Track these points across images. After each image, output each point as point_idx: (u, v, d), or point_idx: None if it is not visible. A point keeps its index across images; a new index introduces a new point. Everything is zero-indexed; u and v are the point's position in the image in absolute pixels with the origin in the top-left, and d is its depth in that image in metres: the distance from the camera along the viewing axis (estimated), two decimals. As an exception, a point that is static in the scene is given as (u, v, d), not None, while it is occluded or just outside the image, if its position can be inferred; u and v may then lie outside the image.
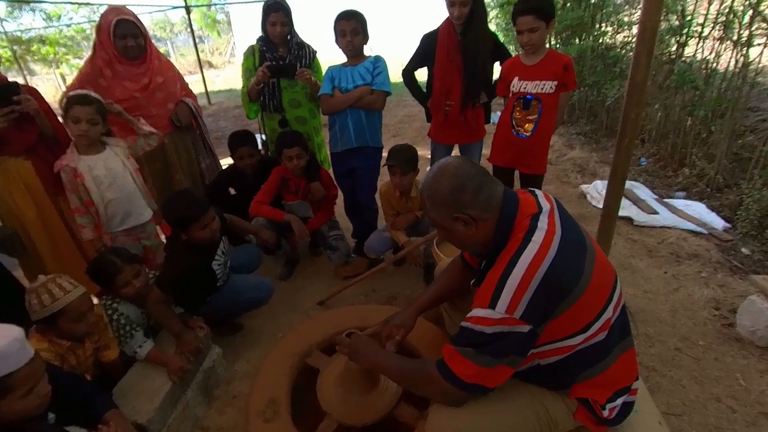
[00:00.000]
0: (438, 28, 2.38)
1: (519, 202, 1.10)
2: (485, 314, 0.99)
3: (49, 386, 1.12)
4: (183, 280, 1.76)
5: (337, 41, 2.31)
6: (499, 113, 2.48)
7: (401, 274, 2.61)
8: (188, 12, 5.60)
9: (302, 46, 2.58)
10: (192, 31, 8.82)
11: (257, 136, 2.65)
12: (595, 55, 4.70)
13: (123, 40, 2.15)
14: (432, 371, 1.08)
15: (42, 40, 13.71)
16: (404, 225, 2.44)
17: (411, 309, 1.43)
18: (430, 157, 2.81)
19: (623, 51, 4.42)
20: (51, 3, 13.45)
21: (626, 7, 4.65)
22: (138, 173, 2.09)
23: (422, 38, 2.43)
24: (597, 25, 4.72)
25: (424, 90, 2.56)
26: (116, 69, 2.20)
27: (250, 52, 2.58)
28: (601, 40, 4.65)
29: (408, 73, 2.51)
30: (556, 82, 2.10)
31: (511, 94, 2.23)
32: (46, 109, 2.06)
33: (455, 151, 2.72)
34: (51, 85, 13.93)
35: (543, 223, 1.05)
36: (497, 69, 2.41)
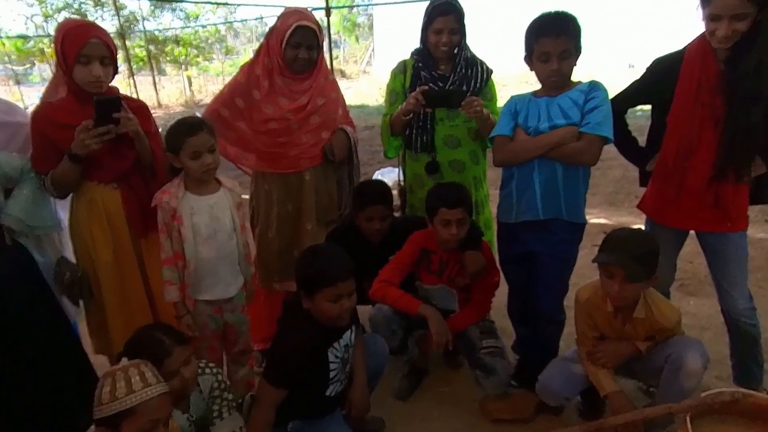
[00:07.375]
0: (683, 49, 2.03)
1: None
2: None
3: None
4: (292, 364, 1.81)
5: (531, 64, 2.07)
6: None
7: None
8: (328, 14, 6.13)
9: (472, 63, 2.47)
10: (329, 34, 9.68)
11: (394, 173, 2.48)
12: None
13: (295, 50, 2.25)
14: None
15: (176, 41, 16.67)
16: (614, 361, 1.99)
17: None
18: None
19: None
20: (192, 2, 16.38)
21: None
22: (244, 229, 2.11)
23: (653, 63, 2.15)
24: None
25: (632, 132, 2.25)
26: (275, 81, 2.32)
27: (400, 69, 2.58)
28: None
29: (617, 113, 2.17)
30: None
31: None
32: (149, 130, 2.13)
33: (691, 242, 2.23)
34: (176, 87, 16.73)
35: None
36: None
